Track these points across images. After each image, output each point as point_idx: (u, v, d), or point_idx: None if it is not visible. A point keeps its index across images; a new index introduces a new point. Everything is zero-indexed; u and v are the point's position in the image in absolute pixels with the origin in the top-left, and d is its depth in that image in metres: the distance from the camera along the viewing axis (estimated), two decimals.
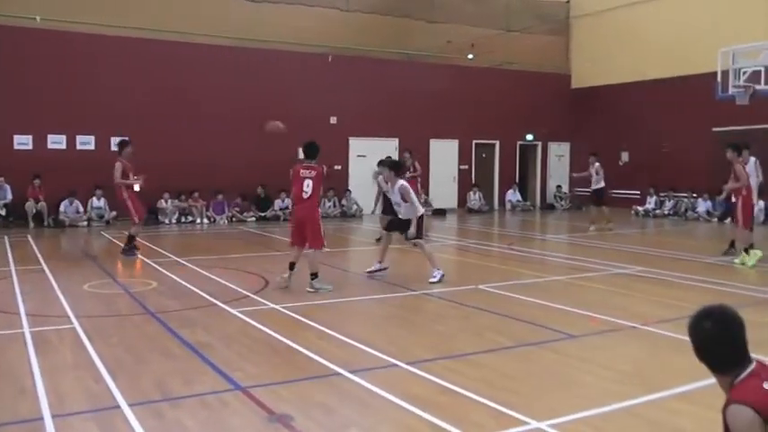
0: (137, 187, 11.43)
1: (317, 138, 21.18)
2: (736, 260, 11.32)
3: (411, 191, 9.66)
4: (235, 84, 19.61)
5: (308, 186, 8.81)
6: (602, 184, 17.16)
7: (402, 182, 9.77)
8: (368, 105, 21.48)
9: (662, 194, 21.12)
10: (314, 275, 8.73)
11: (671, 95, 21.61)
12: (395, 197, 9.94)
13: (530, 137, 24.83)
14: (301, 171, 8.86)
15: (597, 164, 17.24)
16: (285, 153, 20.00)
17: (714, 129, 19.96)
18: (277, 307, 7.81)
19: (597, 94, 24.37)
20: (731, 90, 15.34)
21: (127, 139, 12.22)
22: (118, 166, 11.42)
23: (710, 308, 2.83)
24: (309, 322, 7.10)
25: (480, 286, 9.22)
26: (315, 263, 8.79)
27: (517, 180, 24.59)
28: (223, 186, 19.00)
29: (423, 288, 9.09)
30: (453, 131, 23.09)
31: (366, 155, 21.62)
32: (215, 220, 18.64)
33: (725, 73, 15.45)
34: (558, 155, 25.66)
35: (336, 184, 20.59)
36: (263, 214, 19.16)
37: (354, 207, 20.77)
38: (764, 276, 10.35)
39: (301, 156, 9.14)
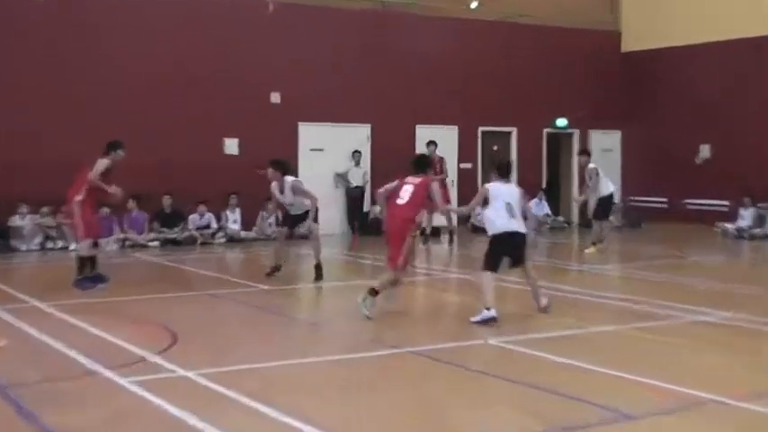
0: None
1: (253, 122, 21.35)
2: None
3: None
4: (120, 41, 19.50)
5: (405, 192, 10.52)
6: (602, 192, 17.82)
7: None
8: (326, 77, 21.48)
9: (761, 206, 21.24)
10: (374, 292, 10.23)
11: (763, 62, 21.96)
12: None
13: (562, 122, 24.99)
14: (407, 179, 10.83)
15: (592, 165, 17.86)
16: (209, 147, 19.98)
17: None
18: (189, 374, 7.71)
19: (661, 61, 24.65)
20: None
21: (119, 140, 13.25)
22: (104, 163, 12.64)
23: None
24: (234, 395, 6.97)
25: (491, 340, 9.18)
26: (384, 282, 10.53)
27: (544, 185, 24.68)
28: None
29: (407, 343, 9.05)
30: (450, 114, 23.16)
31: (323, 148, 21.61)
32: (98, 245, 18.43)
33: None
34: (605, 148, 25.79)
35: None
36: (171, 236, 19.04)
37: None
38: None
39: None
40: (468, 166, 23.51)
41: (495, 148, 24.29)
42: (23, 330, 9.72)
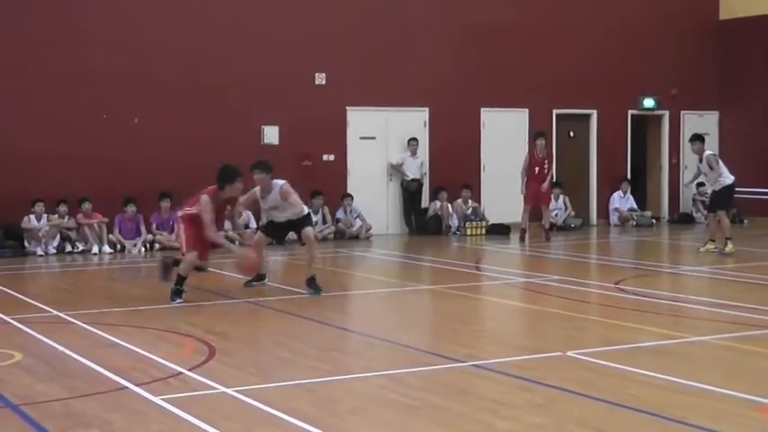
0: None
1: (291, 109, 21.55)
2: None
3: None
4: (153, 25, 19.72)
5: None
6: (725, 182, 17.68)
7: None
8: (378, 55, 21.51)
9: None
10: None
11: None
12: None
13: (649, 103, 24.79)
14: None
15: (710, 152, 17.83)
16: (245, 137, 20.11)
17: None
18: (229, 391, 7.77)
19: (767, 30, 24.24)
20: None
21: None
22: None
23: None
24: (284, 416, 7.03)
25: (570, 353, 9.17)
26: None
27: (629, 176, 24.50)
28: (137, 191, 19.08)
29: (472, 356, 9.06)
30: (520, 95, 23.08)
31: (375, 136, 21.68)
32: (123, 248, 18.69)
33: None
34: (700, 132, 25.49)
35: (328, 186, 20.60)
36: None
37: (358, 224, 20.81)
38: None
39: None
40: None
41: (572, 134, 24.14)
42: (44, 343, 9.83)
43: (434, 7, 22.12)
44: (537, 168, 20.10)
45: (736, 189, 17.79)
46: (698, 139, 17.91)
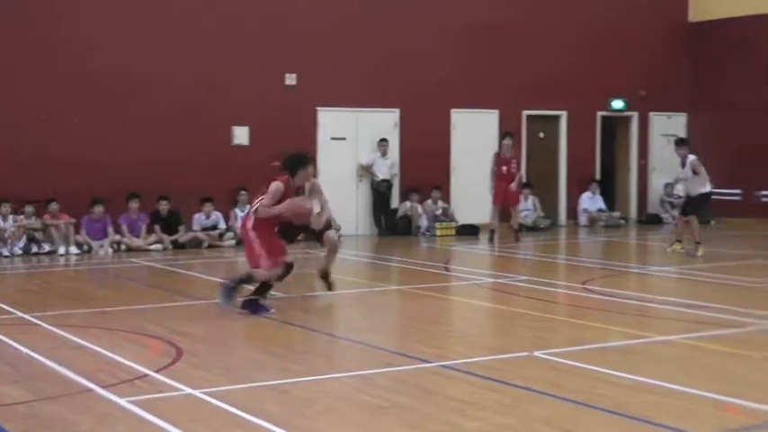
0: None
1: (261, 109, 21.46)
2: None
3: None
4: (116, 28, 19.62)
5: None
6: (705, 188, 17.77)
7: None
8: (347, 56, 21.50)
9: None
10: None
11: None
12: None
13: (618, 104, 24.90)
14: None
15: (693, 157, 17.69)
16: (215, 138, 20.05)
17: None
18: (196, 393, 7.73)
19: (736, 33, 24.45)
20: None
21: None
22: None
23: None
24: (251, 418, 7.00)
25: (537, 353, 9.18)
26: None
27: (598, 177, 24.60)
28: (105, 192, 18.98)
29: (441, 357, 9.06)
30: (491, 96, 23.15)
31: (345, 137, 21.67)
32: (90, 249, 18.58)
33: None
34: (668, 134, 25.69)
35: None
36: (174, 239, 19.14)
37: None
38: None
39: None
40: None
41: (542, 135, 24.22)
42: (8, 345, 9.74)
43: (405, 9, 22.12)
44: (504, 168, 20.13)
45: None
46: (683, 143, 17.91)
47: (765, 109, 23.39)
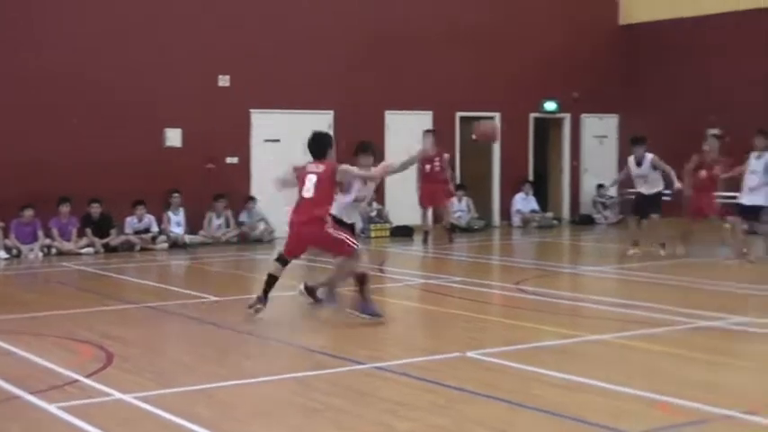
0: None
1: (193, 111, 21.27)
2: None
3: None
4: (45, 29, 19.38)
5: (310, 182, 10.81)
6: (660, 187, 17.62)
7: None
8: (281, 57, 21.43)
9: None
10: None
11: None
12: (361, 192, 11.82)
13: (551, 106, 25.10)
14: (308, 167, 11.08)
15: (651, 155, 17.49)
16: (147, 140, 19.88)
17: None
18: (126, 398, 7.66)
19: (665, 35, 24.80)
20: None
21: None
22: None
23: None
24: (183, 422, 6.95)
25: (470, 353, 9.22)
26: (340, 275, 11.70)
27: (531, 177, 24.78)
28: (35, 195, 18.70)
29: (375, 358, 9.07)
30: (424, 98, 23.20)
31: (280, 138, 21.57)
32: (20, 253, 18.32)
33: None
34: (599, 135, 25.96)
35: (231, 188, 20.49)
36: (106, 242, 18.94)
37: (262, 226, 20.68)
38: None
39: None
40: (446, 156, 23.51)
41: (475, 136, 24.25)
42: None
43: (339, 10, 22.09)
44: (428, 167, 20.02)
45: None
46: (641, 141, 17.52)
47: (693, 111, 23.70)
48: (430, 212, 20.33)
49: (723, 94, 23.25)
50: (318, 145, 11.42)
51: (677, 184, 17.15)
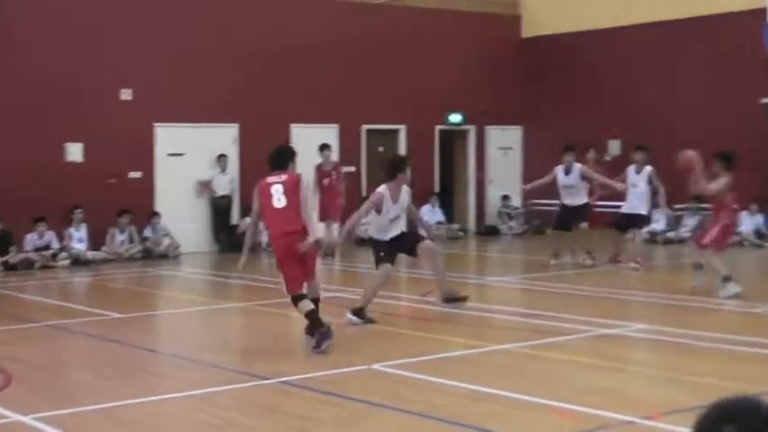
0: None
1: (95, 125, 20.92)
2: None
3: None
4: None
5: (277, 192, 10.38)
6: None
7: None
8: (185, 71, 21.25)
9: (677, 207, 21.75)
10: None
11: (690, 49, 22.59)
12: (395, 212, 12.14)
13: (456, 118, 25.29)
14: (268, 180, 10.58)
15: (579, 165, 17.50)
16: (47, 154, 19.53)
17: (765, 100, 21.11)
18: (25, 419, 7.53)
19: (567, 48, 25.18)
20: None
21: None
22: None
23: (736, 402, 2.85)
24: None
25: (376, 365, 9.26)
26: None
27: (437, 189, 24.93)
28: None
29: (281, 373, 9.04)
30: (330, 111, 23.19)
31: (184, 152, 21.38)
32: None
33: None
34: (504, 147, 26.24)
35: (135, 204, 20.19)
36: (2, 259, 18.56)
37: (166, 242, 20.45)
38: None
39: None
40: (352, 169, 23.55)
41: (382, 149, 24.40)
42: None
43: (242, 23, 21.98)
44: (326, 180, 20.09)
45: (537, 201, 18.20)
46: (570, 150, 17.41)
47: (596, 122, 24.08)
48: (334, 226, 20.27)
49: (623, 106, 23.68)
50: (281, 157, 11.20)
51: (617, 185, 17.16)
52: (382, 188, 12.20)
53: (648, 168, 16.70)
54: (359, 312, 11.80)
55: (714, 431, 2.80)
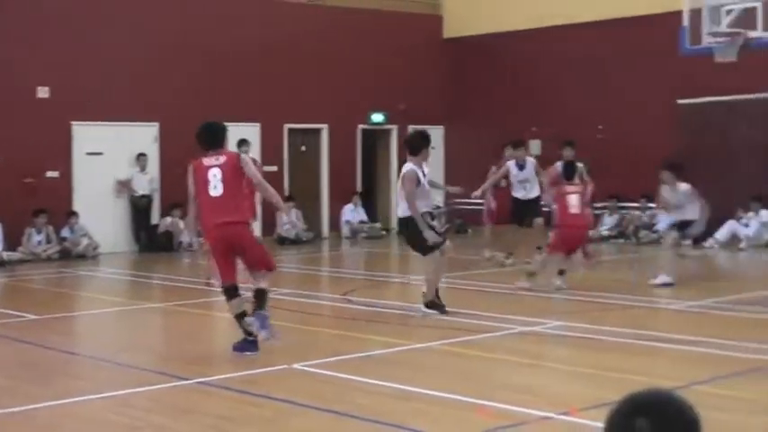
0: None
1: (10, 124, 20.52)
2: None
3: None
4: None
5: (214, 179, 9.60)
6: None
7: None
8: (104, 68, 21.01)
9: (598, 206, 22.05)
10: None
11: (609, 50, 22.91)
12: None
13: (378, 117, 25.35)
14: (205, 161, 9.76)
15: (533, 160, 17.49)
16: None
17: (681, 100, 21.43)
18: None
19: (488, 49, 25.42)
20: (706, 40, 16.37)
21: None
22: None
23: (648, 396, 2.91)
24: None
25: (297, 365, 9.26)
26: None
27: (360, 189, 24.97)
28: None
29: (200, 373, 8.99)
30: (252, 109, 23.09)
31: (102, 151, 21.15)
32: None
33: (696, 14, 16.44)
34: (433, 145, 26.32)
35: (52, 204, 19.91)
36: None
37: (85, 242, 20.20)
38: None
39: None
40: (274, 168, 23.49)
41: (304, 148, 24.40)
42: None
43: (163, 21, 21.80)
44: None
45: (460, 200, 18.23)
46: (522, 144, 17.40)
47: (517, 122, 24.27)
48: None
49: (543, 106, 23.95)
50: (214, 134, 10.15)
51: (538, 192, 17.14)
52: (411, 165, 12.19)
53: (579, 165, 16.71)
54: (431, 305, 11.98)
55: (626, 424, 2.85)
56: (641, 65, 22.05)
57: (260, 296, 9.79)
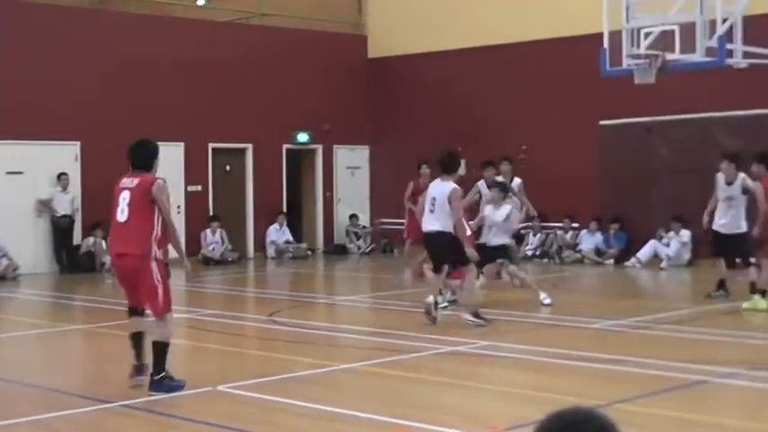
0: None
1: None
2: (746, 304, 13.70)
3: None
4: None
5: (123, 202, 8.92)
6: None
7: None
8: (24, 87, 20.75)
9: (522, 225, 22.23)
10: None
11: (531, 71, 23.20)
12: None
13: (303, 137, 25.35)
14: (121, 182, 9.13)
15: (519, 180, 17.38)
16: None
17: (602, 122, 21.73)
18: None
19: (412, 69, 25.55)
20: (626, 62, 16.63)
21: None
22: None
23: (570, 414, 2.96)
24: None
25: (221, 387, 9.22)
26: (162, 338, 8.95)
27: (285, 209, 24.93)
28: None
29: (122, 396, 8.88)
30: (176, 129, 22.94)
31: (23, 171, 20.87)
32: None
33: (615, 35, 16.69)
34: (352, 166, 26.41)
35: None
36: None
37: (4, 263, 19.89)
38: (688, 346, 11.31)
39: None
40: (198, 188, 23.38)
41: (228, 168, 24.30)
42: None
43: (85, 38, 21.60)
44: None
45: (385, 220, 18.23)
46: (492, 164, 16.71)
47: (436, 140, 24.36)
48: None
49: (467, 126, 24.09)
50: (142, 154, 9.38)
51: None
52: (454, 184, 12.48)
53: (518, 181, 16.65)
54: (477, 315, 12.40)
55: None
56: (563, 86, 22.34)
57: (155, 352, 8.92)
